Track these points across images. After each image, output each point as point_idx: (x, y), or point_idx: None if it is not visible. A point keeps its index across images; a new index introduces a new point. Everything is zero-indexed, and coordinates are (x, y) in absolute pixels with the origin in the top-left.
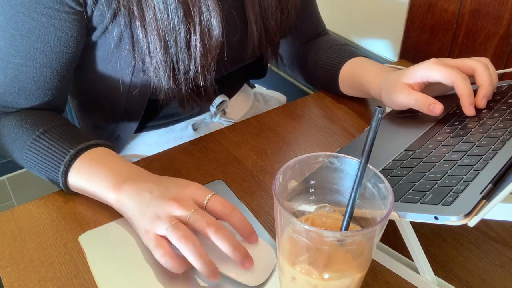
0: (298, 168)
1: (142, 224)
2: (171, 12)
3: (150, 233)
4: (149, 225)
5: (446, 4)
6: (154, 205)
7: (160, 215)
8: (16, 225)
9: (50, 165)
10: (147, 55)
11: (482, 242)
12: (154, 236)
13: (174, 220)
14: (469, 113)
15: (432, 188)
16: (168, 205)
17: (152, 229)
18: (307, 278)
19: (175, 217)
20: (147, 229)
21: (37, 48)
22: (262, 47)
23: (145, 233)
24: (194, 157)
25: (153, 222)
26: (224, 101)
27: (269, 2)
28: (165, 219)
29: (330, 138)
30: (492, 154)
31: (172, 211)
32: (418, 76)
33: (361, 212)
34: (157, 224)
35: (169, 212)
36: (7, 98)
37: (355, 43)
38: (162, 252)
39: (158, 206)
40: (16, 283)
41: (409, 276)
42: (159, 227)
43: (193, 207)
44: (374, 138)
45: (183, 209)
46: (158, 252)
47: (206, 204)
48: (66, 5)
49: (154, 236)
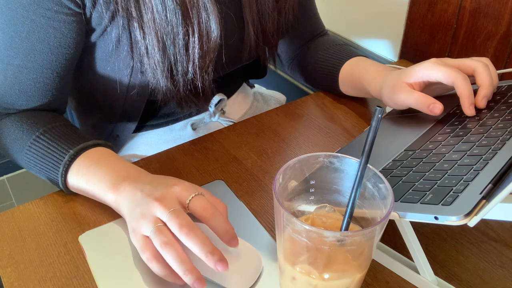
0: (298, 168)
1: (131, 223)
2: (169, 14)
3: (136, 232)
4: (136, 224)
5: (446, 4)
6: (141, 205)
7: (145, 214)
8: (16, 225)
9: (49, 165)
10: (145, 56)
11: (482, 242)
12: (141, 237)
13: (158, 222)
14: (469, 113)
15: (432, 188)
16: (152, 205)
17: (138, 229)
18: (307, 278)
19: (159, 218)
20: (134, 228)
21: (36, 50)
22: (259, 48)
23: (132, 232)
24: (194, 157)
25: (139, 222)
26: (222, 100)
27: (266, 4)
28: (149, 220)
29: (330, 138)
30: (492, 154)
31: (155, 211)
32: (418, 75)
33: (361, 212)
34: (142, 224)
35: (153, 212)
36: (8, 100)
37: (355, 43)
38: (148, 255)
39: (144, 205)
40: (16, 283)
41: (409, 276)
42: (143, 227)
43: (173, 206)
44: (374, 138)
45: (163, 209)
46: (144, 255)
47: (188, 205)
48: (65, 6)
49: (141, 237)
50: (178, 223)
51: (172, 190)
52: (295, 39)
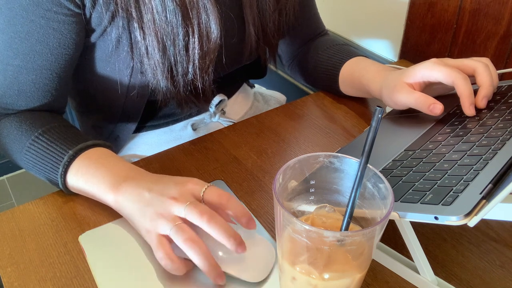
0: (298, 168)
1: (144, 224)
2: (169, 15)
3: (152, 233)
4: (151, 224)
5: (446, 4)
6: (154, 204)
7: (161, 214)
8: (16, 225)
9: (49, 165)
10: (145, 57)
11: (482, 242)
12: (156, 236)
13: (177, 220)
14: (469, 113)
15: (432, 188)
16: (168, 203)
17: (154, 229)
18: (307, 278)
19: (177, 216)
20: (148, 229)
21: (36, 50)
22: (260, 48)
23: (147, 233)
24: (194, 157)
25: (155, 221)
26: (223, 100)
27: (267, 4)
28: (167, 219)
29: (330, 138)
30: (492, 154)
31: (172, 209)
32: (418, 75)
33: (361, 212)
34: (159, 223)
35: (170, 211)
36: (7, 100)
37: (355, 43)
38: (163, 254)
39: (158, 205)
40: (16, 283)
41: (409, 276)
42: (161, 226)
43: (189, 201)
44: (374, 138)
45: (179, 205)
46: (159, 253)
47: (202, 197)
48: (65, 7)
49: (156, 236)
50: (198, 212)
51: (186, 187)
52: (296, 39)
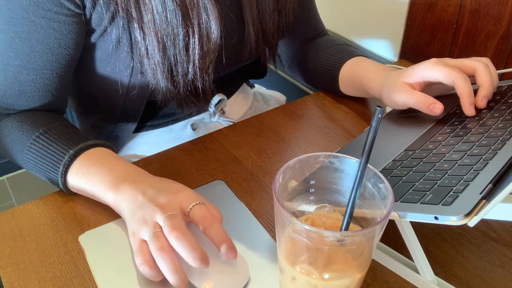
0: (298, 168)
1: (132, 226)
2: (169, 15)
3: (135, 236)
4: (136, 228)
5: (446, 4)
6: (143, 208)
7: (146, 219)
8: (16, 225)
9: (49, 165)
10: (145, 57)
11: (482, 242)
12: (138, 240)
13: (157, 228)
14: (469, 113)
15: (432, 188)
16: (154, 211)
17: (138, 233)
18: (307, 278)
19: (158, 224)
20: (134, 231)
21: (36, 51)
22: (259, 48)
23: (132, 235)
24: (194, 157)
25: (139, 225)
26: (222, 100)
27: (266, 4)
28: (149, 225)
29: (330, 138)
30: (492, 154)
31: (156, 216)
32: (418, 75)
33: (361, 212)
34: (142, 228)
35: (153, 217)
36: (8, 100)
37: (355, 43)
38: (142, 259)
39: (146, 210)
40: (16, 283)
41: (409, 276)
42: (143, 231)
43: (174, 211)
44: (374, 138)
45: (162, 214)
46: (138, 258)
47: (188, 213)
48: (65, 7)
49: (138, 240)
50: (171, 225)
51: (176, 197)
52: (295, 39)
